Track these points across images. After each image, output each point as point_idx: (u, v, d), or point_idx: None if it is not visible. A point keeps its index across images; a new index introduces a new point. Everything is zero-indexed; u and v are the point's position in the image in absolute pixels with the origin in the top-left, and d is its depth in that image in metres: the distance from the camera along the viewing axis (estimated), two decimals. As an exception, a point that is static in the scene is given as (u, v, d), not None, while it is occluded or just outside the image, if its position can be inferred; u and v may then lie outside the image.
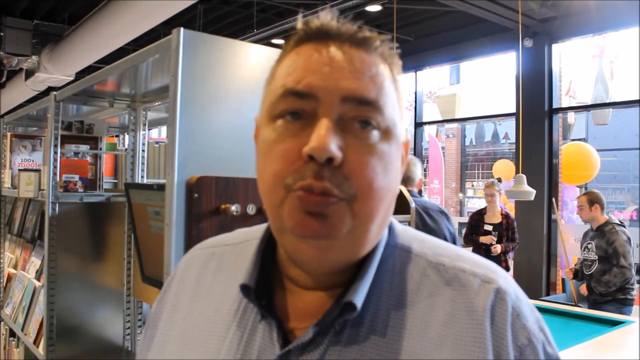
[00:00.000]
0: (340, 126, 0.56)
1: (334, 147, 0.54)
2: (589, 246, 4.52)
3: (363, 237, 0.57)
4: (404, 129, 0.62)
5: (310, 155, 0.54)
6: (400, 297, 0.60)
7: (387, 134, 0.58)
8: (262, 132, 0.60)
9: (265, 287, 0.63)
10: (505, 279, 0.61)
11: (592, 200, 4.52)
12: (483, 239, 5.37)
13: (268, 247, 0.66)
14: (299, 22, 0.60)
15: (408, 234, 0.67)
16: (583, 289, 4.51)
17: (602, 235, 4.42)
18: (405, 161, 0.64)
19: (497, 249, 5.26)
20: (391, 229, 0.66)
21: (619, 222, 4.53)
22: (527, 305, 0.61)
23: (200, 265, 0.72)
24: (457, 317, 0.58)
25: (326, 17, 0.59)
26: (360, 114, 0.56)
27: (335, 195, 0.54)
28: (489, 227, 5.44)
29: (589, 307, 4.41)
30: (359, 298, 0.57)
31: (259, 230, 0.69)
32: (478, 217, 5.58)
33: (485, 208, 5.60)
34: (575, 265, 4.93)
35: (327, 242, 0.55)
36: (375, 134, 0.57)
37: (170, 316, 0.70)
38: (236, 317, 0.64)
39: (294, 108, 0.56)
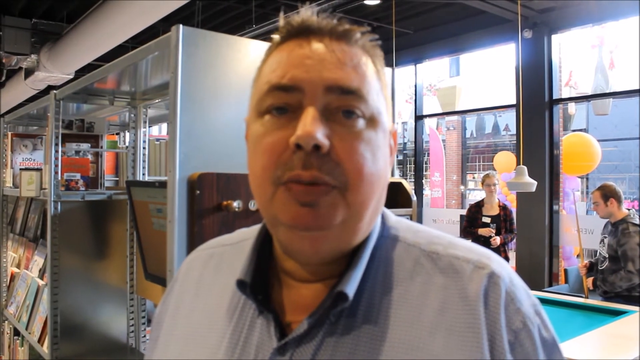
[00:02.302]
0: (325, 116, 0.56)
1: (320, 135, 0.54)
2: (605, 240, 4.21)
3: (356, 226, 0.58)
4: (390, 118, 0.62)
5: (297, 144, 0.54)
6: (393, 287, 0.60)
7: (372, 121, 0.58)
8: (250, 129, 0.62)
9: (262, 282, 0.64)
10: (499, 264, 0.61)
11: (606, 194, 4.15)
12: (481, 231, 5.35)
13: (264, 244, 0.66)
14: (281, 21, 0.61)
15: (402, 224, 0.67)
16: (589, 282, 4.26)
17: (615, 234, 4.08)
18: (394, 151, 0.65)
19: (497, 241, 5.25)
20: (385, 221, 0.66)
21: (638, 222, 4.06)
22: (523, 290, 0.61)
23: (201, 266, 0.73)
24: (451, 304, 0.58)
25: (306, 14, 0.60)
26: (344, 104, 0.57)
27: (327, 183, 0.55)
28: (487, 219, 5.42)
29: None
30: (350, 288, 0.58)
31: (257, 229, 0.70)
32: (476, 209, 5.56)
33: (483, 200, 5.58)
34: (577, 256, 4.83)
35: (320, 232, 0.56)
36: (360, 122, 0.57)
37: (173, 316, 0.71)
38: (235, 313, 0.64)
39: (280, 103, 0.57)
